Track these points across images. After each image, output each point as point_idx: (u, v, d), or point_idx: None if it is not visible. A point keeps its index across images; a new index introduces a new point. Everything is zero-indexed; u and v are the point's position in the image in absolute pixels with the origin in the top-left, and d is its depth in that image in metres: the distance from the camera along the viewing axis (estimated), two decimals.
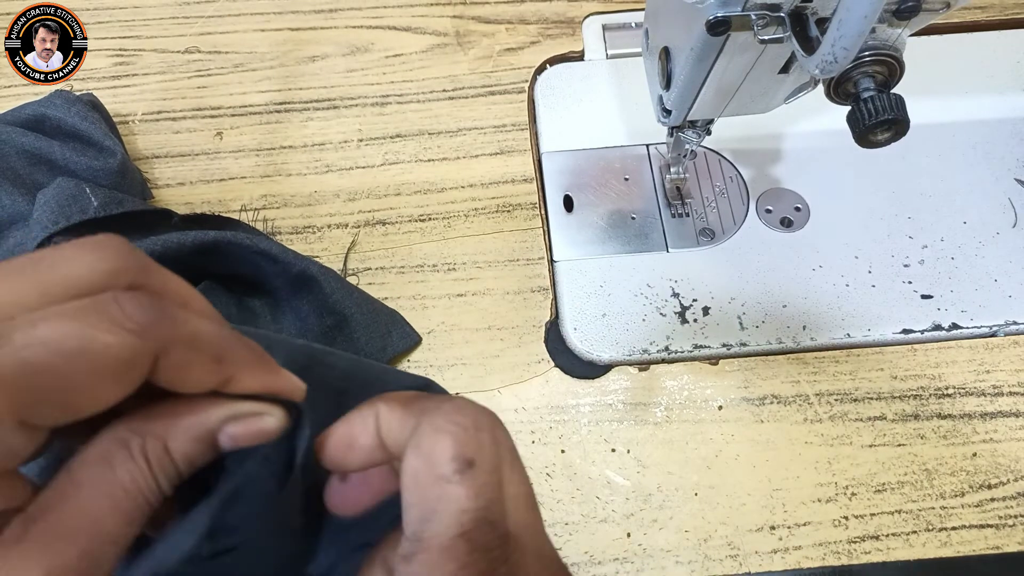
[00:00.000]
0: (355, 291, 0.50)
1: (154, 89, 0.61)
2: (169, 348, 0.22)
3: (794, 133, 0.58)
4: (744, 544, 0.45)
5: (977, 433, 0.47)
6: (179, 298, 0.24)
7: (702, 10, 0.36)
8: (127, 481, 0.22)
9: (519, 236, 0.54)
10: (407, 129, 0.59)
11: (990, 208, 0.55)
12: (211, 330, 0.23)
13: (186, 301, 0.24)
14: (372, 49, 0.63)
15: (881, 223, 0.54)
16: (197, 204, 0.56)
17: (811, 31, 0.34)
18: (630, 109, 0.59)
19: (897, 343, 0.50)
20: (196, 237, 0.46)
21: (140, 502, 0.22)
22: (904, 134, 0.36)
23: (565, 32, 0.63)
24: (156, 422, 0.23)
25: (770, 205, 0.55)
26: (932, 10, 0.32)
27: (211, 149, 0.58)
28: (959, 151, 0.57)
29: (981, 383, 0.49)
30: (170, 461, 0.23)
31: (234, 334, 0.25)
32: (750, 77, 0.42)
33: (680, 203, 0.55)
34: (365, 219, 0.55)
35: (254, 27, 0.64)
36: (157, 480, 0.23)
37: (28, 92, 0.59)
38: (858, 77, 0.35)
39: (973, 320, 0.51)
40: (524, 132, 0.59)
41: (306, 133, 0.59)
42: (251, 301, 0.50)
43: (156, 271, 0.24)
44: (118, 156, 0.52)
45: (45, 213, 0.46)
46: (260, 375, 0.25)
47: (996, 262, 0.53)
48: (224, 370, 0.23)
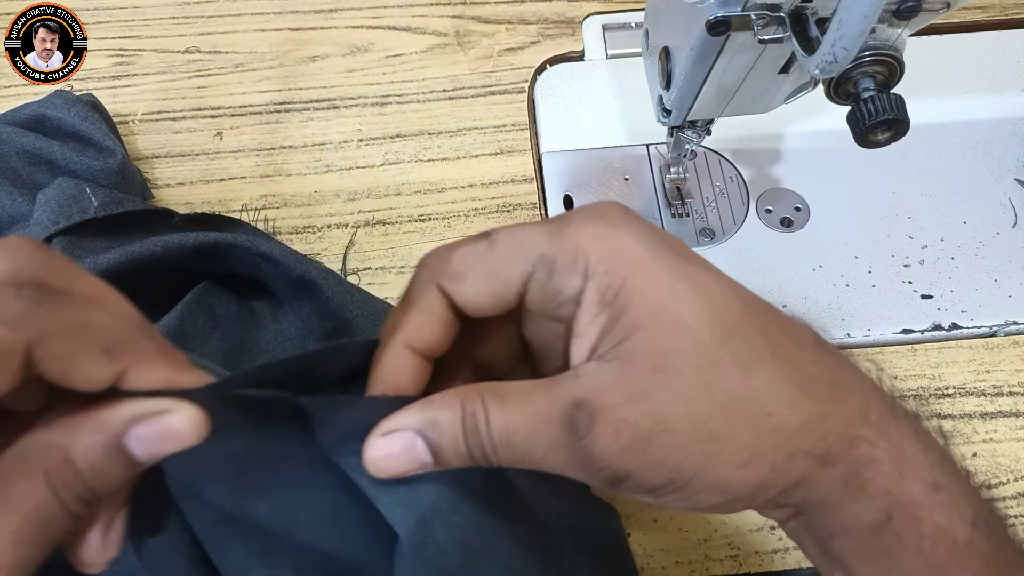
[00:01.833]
0: (356, 293, 0.50)
1: (154, 89, 0.61)
2: (46, 338, 0.21)
3: (794, 133, 0.58)
4: (744, 544, 0.45)
5: (977, 433, 0.47)
6: (88, 296, 0.23)
7: (702, 10, 0.36)
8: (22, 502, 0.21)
9: None
10: (407, 129, 0.59)
11: (990, 208, 0.55)
12: (103, 321, 0.22)
13: (98, 299, 0.23)
14: (372, 49, 0.63)
15: (881, 223, 0.54)
16: (197, 204, 0.56)
17: (811, 31, 0.34)
18: (630, 109, 0.59)
19: (897, 343, 0.50)
20: (197, 238, 0.46)
21: (40, 523, 0.21)
22: (904, 134, 0.36)
23: (565, 32, 0.63)
24: (57, 429, 0.22)
25: (770, 205, 0.55)
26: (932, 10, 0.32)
27: (211, 149, 0.58)
28: (959, 151, 0.57)
29: (981, 383, 0.49)
30: (73, 474, 0.21)
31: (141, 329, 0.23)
32: (750, 77, 0.42)
33: (680, 203, 0.55)
34: (365, 219, 0.55)
35: (254, 27, 0.64)
36: (59, 497, 0.21)
37: (28, 92, 0.58)
38: (858, 77, 0.35)
39: (973, 320, 0.51)
40: (524, 132, 0.59)
41: (306, 133, 0.59)
42: (252, 302, 0.50)
43: (63, 270, 0.23)
44: (118, 156, 0.52)
45: (45, 213, 0.46)
46: (159, 368, 0.23)
47: (996, 262, 0.53)
48: (116, 362, 0.22)
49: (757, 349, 0.25)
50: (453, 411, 0.25)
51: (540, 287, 0.26)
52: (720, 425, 0.24)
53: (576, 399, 0.24)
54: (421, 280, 0.27)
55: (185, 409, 0.23)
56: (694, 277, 0.25)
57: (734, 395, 0.24)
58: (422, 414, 0.25)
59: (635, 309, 0.24)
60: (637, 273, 0.25)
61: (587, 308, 0.25)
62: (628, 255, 0.25)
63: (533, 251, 0.26)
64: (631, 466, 0.24)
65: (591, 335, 0.25)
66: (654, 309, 0.24)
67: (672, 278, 0.25)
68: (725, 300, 0.25)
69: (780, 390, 0.24)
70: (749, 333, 0.25)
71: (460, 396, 0.25)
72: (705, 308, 0.25)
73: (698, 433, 0.24)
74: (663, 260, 0.25)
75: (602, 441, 0.24)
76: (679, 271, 0.25)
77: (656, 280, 0.25)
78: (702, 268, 0.26)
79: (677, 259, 0.25)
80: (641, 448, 0.24)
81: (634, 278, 0.25)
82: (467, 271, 0.26)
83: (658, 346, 0.24)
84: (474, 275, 0.26)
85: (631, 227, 0.26)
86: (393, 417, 0.25)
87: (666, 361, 0.24)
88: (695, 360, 0.24)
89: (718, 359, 0.24)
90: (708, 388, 0.24)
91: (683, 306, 0.24)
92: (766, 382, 0.24)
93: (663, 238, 0.26)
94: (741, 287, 0.26)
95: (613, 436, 0.23)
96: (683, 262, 0.25)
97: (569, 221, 0.26)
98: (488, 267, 0.26)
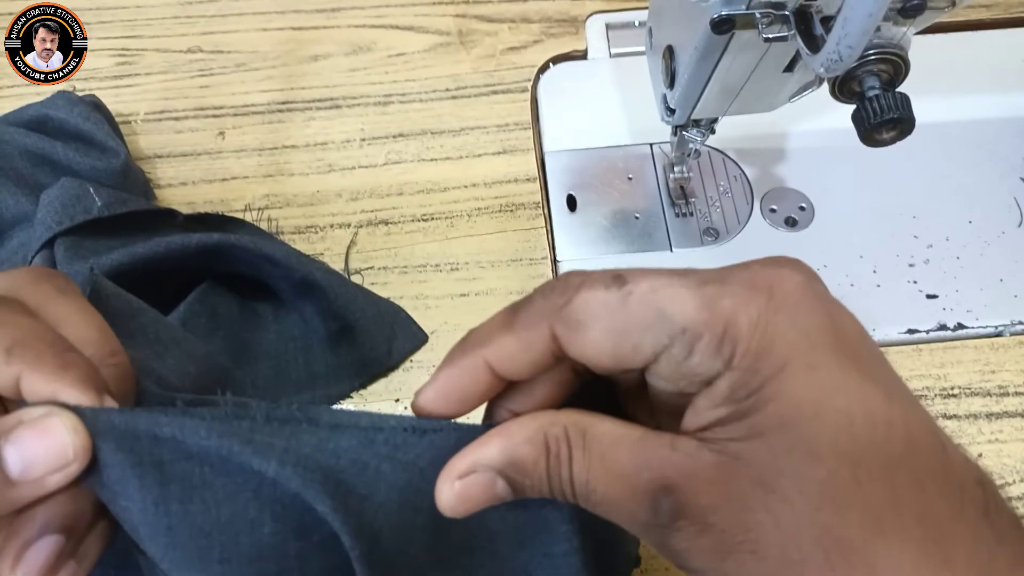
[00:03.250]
0: (359, 294, 0.50)
1: (156, 89, 0.61)
2: None
3: (798, 132, 0.58)
4: None
5: (983, 433, 0.47)
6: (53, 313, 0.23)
7: (706, 8, 0.36)
8: None
9: (522, 236, 0.54)
10: (410, 128, 0.59)
11: (995, 207, 0.54)
12: (19, 328, 0.22)
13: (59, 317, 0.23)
14: (374, 48, 0.63)
15: (886, 222, 0.54)
16: (199, 204, 0.56)
17: (816, 29, 0.34)
18: (633, 108, 0.59)
19: (902, 343, 0.50)
20: (200, 239, 0.46)
21: None
22: (909, 133, 0.36)
23: (568, 31, 0.63)
24: None
25: (774, 204, 0.55)
26: (937, 8, 0.32)
27: (213, 149, 0.58)
28: (964, 150, 0.57)
29: (987, 383, 0.49)
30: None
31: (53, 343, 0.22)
32: (754, 76, 0.42)
33: (684, 202, 0.55)
34: (368, 219, 0.55)
35: (256, 26, 0.64)
36: None
37: (29, 92, 0.58)
38: (863, 75, 0.35)
39: (979, 320, 0.50)
40: (527, 131, 0.59)
41: (308, 133, 0.59)
42: (254, 302, 0.50)
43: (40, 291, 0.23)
44: (121, 157, 0.52)
45: (49, 213, 0.46)
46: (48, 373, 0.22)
47: (1001, 261, 0.52)
48: (11, 364, 0.21)
49: (900, 505, 0.20)
50: (537, 450, 0.23)
51: (673, 363, 0.22)
52: (815, 571, 0.20)
53: (666, 482, 0.22)
54: (534, 309, 0.23)
55: (67, 417, 0.22)
56: (854, 393, 0.21)
57: (847, 548, 0.20)
58: (503, 452, 0.23)
59: (764, 414, 0.21)
60: (784, 377, 0.21)
61: (713, 395, 0.22)
62: (782, 352, 0.21)
63: (676, 322, 0.22)
64: (702, 565, 0.22)
65: (707, 417, 0.22)
66: (784, 422, 0.21)
67: (823, 392, 0.21)
68: (884, 432, 0.21)
69: (905, 569, 0.20)
70: (899, 481, 0.20)
71: (544, 429, 0.23)
72: (850, 439, 0.20)
73: (787, 570, 0.21)
74: (822, 366, 0.21)
75: (682, 535, 0.22)
76: (836, 384, 0.21)
77: (803, 389, 0.21)
78: (871, 381, 0.21)
79: (841, 366, 0.21)
80: (720, 556, 0.21)
81: (777, 381, 0.21)
82: (591, 323, 0.22)
83: (776, 463, 0.21)
84: (598, 331, 0.22)
85: (799, 312, 0.22)
86: (469, 453, 0.23)
87: (779, 482, 0.21)
88: (815, 495, 0.20)
89: (845, 501, 0.20)
90: (819, 529, 0.20)
91: (824, 429, 0.21)
92: (891, 552, 0.20)
93: (835, 331, 0.22)
94: (916, 411, 0.22)
95: (695, 536, 0.21)
96: (847, 372, 0.21)
97: (727, 286, 0.22)
98: (617, 325, 0.22)
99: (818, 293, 0.22)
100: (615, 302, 0.22)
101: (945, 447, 0.21)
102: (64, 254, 0.44)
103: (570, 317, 0.22)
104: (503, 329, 0.24)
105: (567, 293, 0.23)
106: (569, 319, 0.22)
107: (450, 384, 0.24)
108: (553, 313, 0.23)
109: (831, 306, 0.22)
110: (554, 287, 0.23)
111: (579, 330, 0.22)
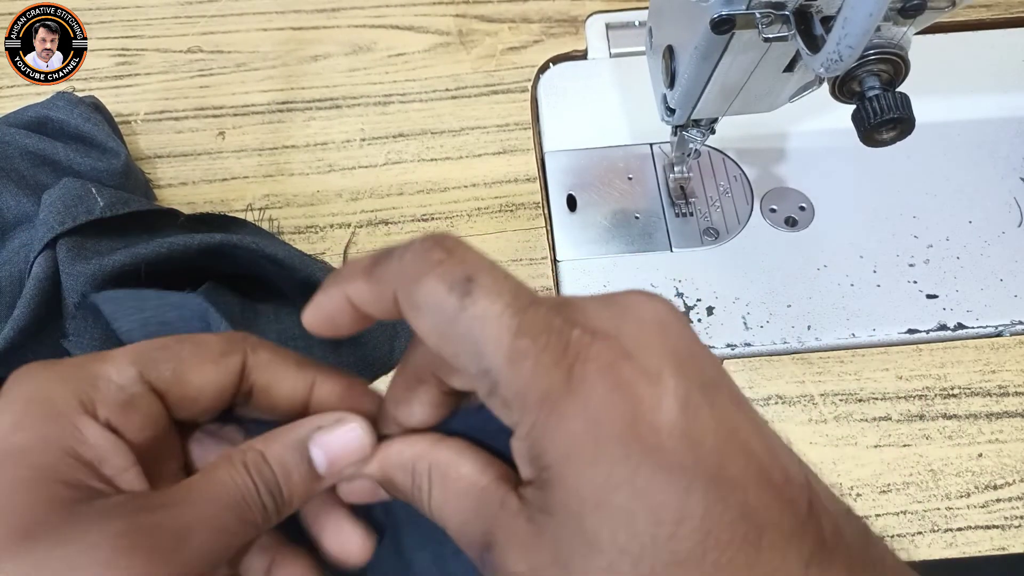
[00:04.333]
0: None
1: (156, 89, 0.61)
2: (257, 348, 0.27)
3: (798, 132, 0.58)
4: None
5: (983, 433, 0.47)
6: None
7: (706, 8, 0.36)
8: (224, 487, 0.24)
9: (522, 236, 0.54)
10: (410, 128, 0.59)
11: (995, 207, 0.54)
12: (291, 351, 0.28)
13: None
14: (374, 48, 0.63)
15: (886, 222, 0.54)
16: (200, 204, 0.56)
17: (816, 29, 0.34)
18: (634, 108, 0.59)
19: (902, 343, 0.50)
20: (202, 240, 0.46)
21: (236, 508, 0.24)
22: (909, 133, 0.36)
23: (568, 31, 0.63)
24: (255, 440, 0.26)
25: (774, 204, 0.55)
26: (937, 8, 0.32)
27: (213, 149, 0.58)
28: (964, 150, 0.57)
29: (987, 383, 0.49)
30: (268, 468, 0.25)
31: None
32: (754, 76, 0.42)
33: (684, 202, 0.55)
34: (368, 219, 0.55)
35: (256, 26, 0.64)
36: (254, 482, 0.24)
37: (29, 92, 0.58)
38: (863, 75, 0.35)
39: (979, 320, 0.50)
40: (527, 131, 0.59)
41: (308, 133, 0.59)
42: (256, 302, 0.50)
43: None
44: (122, 157, 0.52)
45: (51, 214, 0.45)
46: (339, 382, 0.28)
47: (1001, 261, 0.52)
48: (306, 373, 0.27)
49: None
50: (406, 477, 0.25)
51: (482, 393, 0.22)
52: None
53: (490, 539, 0.22)
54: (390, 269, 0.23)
55: (356, 421, 0.26)
56: (639, 490, 0.20)
57: None
58: (381, 471, 0.26)
59: (553, 496, 0.21)
60: (567, 465, 0.21)
61: (519, 449, 0.22)
62: (564, 442, 0.21)
63: (483, 363, 0.21)
64: None
65: (521, 468, 0.22)
66: (568, 510, 0.21)
67: (603, 489, 0.20)
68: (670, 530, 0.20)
69: None
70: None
71: (414, 461, 0.25)
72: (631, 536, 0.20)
73: None
74: (604, 461, 0.20)
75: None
76: (618, 481, 0.20)
77: (584, 484, 0.20)
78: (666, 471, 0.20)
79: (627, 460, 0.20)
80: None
81: (560, 467, 0.21)
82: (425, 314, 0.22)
83: (567, 544, 0.21)
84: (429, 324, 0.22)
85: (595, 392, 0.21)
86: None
87: (572, 562, 0.21)
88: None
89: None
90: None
91: (604, 523, 0.20)
92: None
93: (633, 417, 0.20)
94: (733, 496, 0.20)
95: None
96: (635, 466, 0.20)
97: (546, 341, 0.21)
98: (444, 330, 0.22)
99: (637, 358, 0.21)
100: (450, 309, 0.21)
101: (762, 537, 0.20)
102: (66, 254, 0.44)
103: (411, 296, 0.22)
104: (363, 274, 0.24)
105: (422, 268, 0.22)
106: (410, 298, 0.22)
107: (321, 312, 0.25)
108: (401, 283, 0.23)
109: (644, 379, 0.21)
110: (417, 253, 0.23)
111: (415, 313, 0.22)
